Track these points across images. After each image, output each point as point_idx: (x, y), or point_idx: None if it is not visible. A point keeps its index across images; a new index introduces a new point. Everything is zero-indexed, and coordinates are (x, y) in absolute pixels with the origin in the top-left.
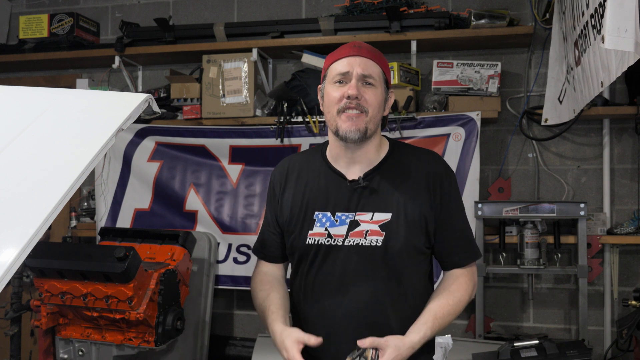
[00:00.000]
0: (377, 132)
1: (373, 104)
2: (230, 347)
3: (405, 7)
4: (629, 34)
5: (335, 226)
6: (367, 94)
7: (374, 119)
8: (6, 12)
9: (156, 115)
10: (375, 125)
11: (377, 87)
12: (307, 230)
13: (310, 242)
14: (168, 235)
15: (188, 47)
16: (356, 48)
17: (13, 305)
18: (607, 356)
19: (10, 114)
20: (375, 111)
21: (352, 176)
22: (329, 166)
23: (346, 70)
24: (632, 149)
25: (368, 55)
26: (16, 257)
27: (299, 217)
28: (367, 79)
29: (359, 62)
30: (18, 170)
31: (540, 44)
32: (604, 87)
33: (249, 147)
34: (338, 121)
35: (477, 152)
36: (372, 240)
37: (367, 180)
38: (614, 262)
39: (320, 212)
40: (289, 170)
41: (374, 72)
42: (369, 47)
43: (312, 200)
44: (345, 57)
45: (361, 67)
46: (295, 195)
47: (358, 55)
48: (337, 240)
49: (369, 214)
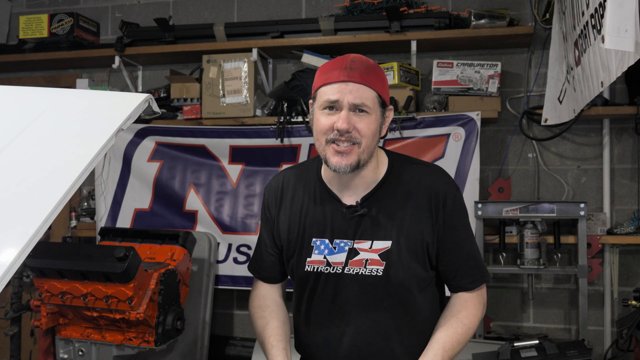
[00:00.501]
0: (374, 156)
1: (366, 134)
2: (230, 347)
3: (405, 7)
4: (629, 34)
5: (334, 253)
6: (359, 123)
7: (367, 149)
8: (6, 12)
9: (156, 115)
10: (370, 154)
11: (371, 114)
12: (306, 257)
13: (309, 269)
14: (168, 235)
15: (188, 47)
16: (347, 71)
17: (13, 305)
18: (607, 356)
19: (10, 114)
20: (369, 141)
21: (348, 200)
22: (324, 187)
23: (336, 98)
24: (632, 149)
25: (360, 79)
26: (16, 257)
27: (297, 242)
28: (359, 107)
29: (351, 89)
30: (18, 170)
31: (540, 44)
32: (604, 87)
33: (249, 147)
34: (327, 152)
35: (477, 152)
36: (372, 269)
37: (364, 207)
38: (614, 262)
39: (318, 239)
40: (283, 189)
41: (367, 98)
42: (362, 67)
43: (309, 225)
44: (335, 82)
45: (353, 95)
46: (292, 217)
47: (350, 82)
48: (336, 269)
49: (367, 242)
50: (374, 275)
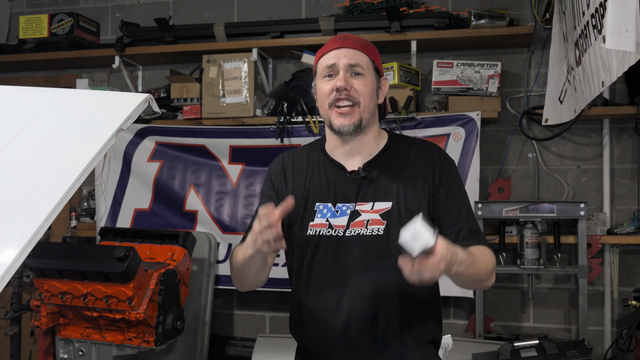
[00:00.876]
0: (374, 122)
1: (364, 93)
2: (230, 347)
3: (405, 7)
4: (629, 34)
5: (336, 217)
6: (356, 84)
7: (367, 108)
8: (6, 12)
9: (156, 115)
10: (370, 114)
11: (366, 76)
12: (308, 221)
13: (311, 233)
14: (168, 235)
15: (188, 47)
16: (340, 40)
17: (13, 305)
18: (607, 356)
19: (10, 114)
20: (368, 100)
21: (351, 167)
22: (328, 158)
23: (332, 62)
24: (632, 149)
25: (354, 45)
26: (16, 257)
27: (300, 209)
28: (354, 69)
29: (345, 53)
30: (18, 170)
31: (540, 44)
32: (604, 87)
33: (249, 147)
34: (331, 115)
35: (477, 152)
36: (373, 229)
37: (366, 171)
38: (614, 262)
39: (321, 204)
40: (285, 164)
41: (361, 60)
42: (356, 37)
43: (313, 192)
44: (331, 50)
45: (347, 57)
46: (296, 188)
47: (343, 47)
48: (337, 231)
49: (369, 204)
50: (375, 234)
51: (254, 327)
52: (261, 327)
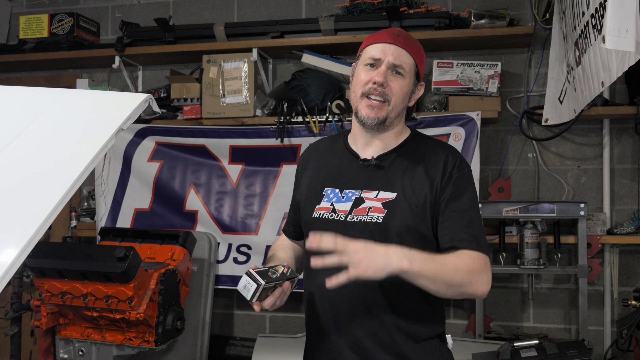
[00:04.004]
0: (400, 121)
1: (397, 93)
2: (230, 347)
3: (405, 7)
4: (629, 34)
5: (341, 202)
6: (393, 82)
7: (396, 108)
8: (6, 12)
9: (156, 115)
10: (397, 115)
11: (405, 78)
12: (315, 204)
13: (315, 215)
14: (168, 235)
15: (188, 47)
16: (394, 36)
17: (13, 305)
18: (607, 356)
19: (10, 114)
20: (399, 101)
21: (366, 156)
22: (346, 147)
23: (378, 56)
24: (632, 149)
25: (403, 45)
26: (16, 257)
27: (311, 192)
28: (397, 69)
29: (393, 50)
30: (18, 170)
31: (540, 44)
32: (604, 87)
33: (249, 147)
34: (360, 104)
35: (477, 152)
36: (373, 217)
37: (378, 161)
38: (614, 262)
39: (329, 188)
40: (311, 153)
41: (405, 62)
42: (408, 37)
43: (324, 176)
44: (380, 42)
45: (394, 55)
46: (313, 174)
47: (393, 44)
48: (340, 216)
49: (374, 192)
50: (374, 222)
51: (254, 327)
52: (261, 327)
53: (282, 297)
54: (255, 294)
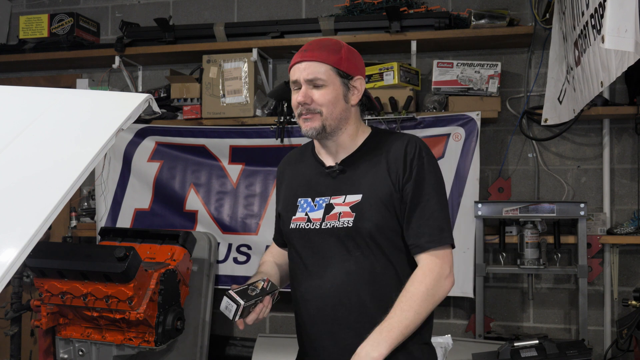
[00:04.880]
0: (348, 123)
1: (323, 102)
2: (230, 347)
3: (405, 7)
4: (628, 34)
5: (314, 210)
6: (315, 95)
7: (331, 115)
8: (6, 12)
9: (156, 115)
10: (336, 119)
11: (326, 85)
12: (292, 215)
13: (293, 226)
14: (168, 235)
15: (188, 47)
16: (302, 52)
17: (13, 305)
18: (607, 356)
19: (10, 114)
20: (330, 108)
21: (330, 163)
22: (314, 156)
23: (295, 78)
24: (632, 149)
25: (312, 57)
26: (16, 257)
27: (288, 204)
28: (313, 82)
29: (304, 67)
30: (18, 170)
31: (540, 44)
32: (604, 87)
33: (249, 147)
34: (300, 123)
35: (477, 152)
36: (344, 221)
37: (341, 166)
38: (614, 262)
39: (302, 198)
40: (285, 166)
41: (318, 72)
42: (316, 46)
43: (297, 187)
44: (294, 64)
45: (306, 71)
46: (288, 186)
47: (303, 61)
48: (315, 224)
49: (342, 197)
50: (346, 227)
51: (254, 327)
52: (261, 327)
53: (264, 311)
54: (236, 313)
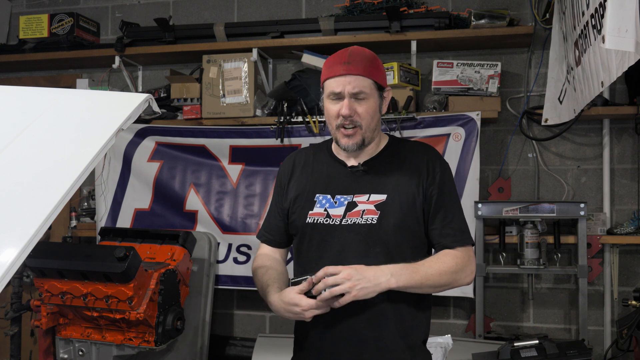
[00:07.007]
0: (377, 133)
1: (366, 116)
2: (230, 347)
3: (405, 7)
4: (629, 34)
5: (334, 207)
6: (359, 109)
7: (369, 129)
8: (6, 12)
9: (156, 115)
10: (372, 132)
11: (368, 99)
12: (308, 210)
13: (309, 221)
14: (168, 235)
15: (188, 47)
16: (345, 65)
17: (13, 305)
18: (607, 356)
19: (10, 114)
20: (369, 121)
21: (352, 164)
22: (332, 156)
23: (338, 90)
24: (632, 149)
25: (357, 71)
26: (16, 257)
27: (302, 199)
28: (358, 95)
29: (350, 80)
30: (18, 170)
31: (540, 44)
32: (604, 87)
33: (249, 147)
34: (337, 135)
35: (477, 152)
36: (367, 218)
37: (365, 167)
38: (614, 262)
39: (321, 195)
40: (296, 162)
41: (364, 87)
42: (359, 58)
43: (314, 184)
44: (336, 76)
45: (352, 85)
46: (300, 182)
47: (348, 74)
48: (335, 220)
49: (365, 196)
50: (369, 223)
51: (254, 327)
52: (261, 327)
53: None
54: None
